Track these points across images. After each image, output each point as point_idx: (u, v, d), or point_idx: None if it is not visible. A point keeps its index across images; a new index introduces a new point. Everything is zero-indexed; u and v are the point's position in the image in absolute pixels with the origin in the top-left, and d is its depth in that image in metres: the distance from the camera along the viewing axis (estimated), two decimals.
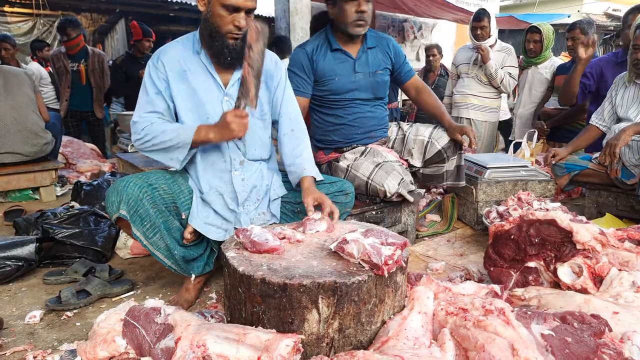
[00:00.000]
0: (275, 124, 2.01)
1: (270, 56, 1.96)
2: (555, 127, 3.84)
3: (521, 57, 4.22)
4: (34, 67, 5.07)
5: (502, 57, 3.86)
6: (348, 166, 2.43)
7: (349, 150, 2.54)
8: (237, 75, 1.84)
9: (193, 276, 1.88)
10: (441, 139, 2.50)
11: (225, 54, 1.75)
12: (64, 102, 4.99)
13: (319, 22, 3.27)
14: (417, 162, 2.57)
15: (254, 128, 1.88)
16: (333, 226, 1.69)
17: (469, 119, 4.03)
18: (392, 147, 2.65)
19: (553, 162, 2.89)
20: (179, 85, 1.79)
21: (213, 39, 1.73)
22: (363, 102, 2.50)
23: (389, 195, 2.30)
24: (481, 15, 3.80)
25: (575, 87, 3.39)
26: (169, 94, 1.79)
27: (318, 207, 1.78)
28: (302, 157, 1.94)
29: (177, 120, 1.84)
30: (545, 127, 3.85)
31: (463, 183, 2.63)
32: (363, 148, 2.53)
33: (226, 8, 1.67)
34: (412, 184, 2.38)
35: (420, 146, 2.54)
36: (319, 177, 1.94)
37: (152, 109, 1.78)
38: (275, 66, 1.96)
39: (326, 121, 2.53)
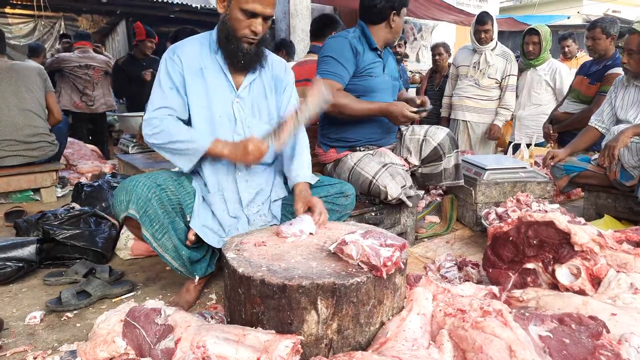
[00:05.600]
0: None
1: (280, 61, 1.99)
2: (564, 132, 3.74)
3: (520, 59, 4.23)
4: None
5: (503, 63, 3.87)
6: (354, 164, 2.45)
7: (362, 150, 2.55)
8: (250, 78, 1.85)
9: (197, 278, 1.88)
10: (436, 136, 2.53)
11: (239, 57, 1.76)
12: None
13: (320, 24, 3.29)
14: (414, 160, 2.60)
15: (259, 133, 1.89)
16: (316, 226, 1.69)
17: (465, 121, 4.04)
18: (394, 149, 2.68)
19: (552, 163, 2.90)
20: (195, 82, 1.79)
21: (228, 41, 1.74)
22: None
23: (389, 198, 2.31)
24: (485, 18, 3.78)
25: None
26: (184, 89, 1.79)
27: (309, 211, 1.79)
28: (297, 162, 1.94)
29: (189, 116, 1.82)
30: (552, 131, 3.79)
31: (462, 182, 2.66)
32: (373, 150, 2.55)
33: (244, 13, 1.68)
34: (411, 188, 2.39)
35: (416, 145, 2.59)
36: (313, 180, 1.96)
37: (164, 105, 1.76)
38: (285, 71, 1.98)
39: (347, 119, 2.52)
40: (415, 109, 2.33)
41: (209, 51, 1.82)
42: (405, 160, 2.61)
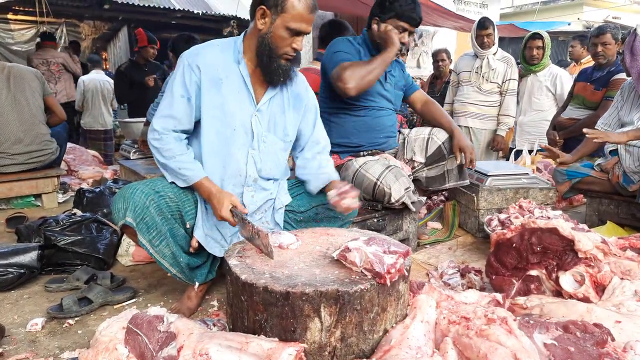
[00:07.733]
0: (298, 145, 2.03)
1: (302, 79, 1.98)
2: (570, 138, 3.70)
3: (520, 65, 4.24)
4: None
5: (504, 67, 3.88)
6: (359, 166, 2.45)
7: (366, 155, 2.56)
8: (270, 93, 1.84)
9: (197, 284, 1.87)
10: (440, 134, 2.55)
11: (280, 74, 1.76)
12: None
13: (329, 31, 3.28)
14: (420, 158, 2.60)
15: (273, 148, 1.89)
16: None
17: (468, 127, 4.05)
18: (396, 153, 2.69)
19: (555, 166, 2.88)
20: (211, 92, 1.76)
21: (270, 59, 1.73)
22: (386, 109, 2.59)
23: (393, 200, 2.30)
24: (486, 23, 3.82)
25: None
26: (197, 99, 1.76)
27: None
28: (327, 168, 1.99)
29: (198, 126, 1.81)
30: (558, 138, 3.75)
31: (467, 182, 2.66)
32: (378, 156, 2.55)
33: (290, 31, 1.69)
34: (414, 193, 2.39)
35: (421, 143, 2.59)
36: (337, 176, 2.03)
37: (170, 114, 1.75)
38: (306, 90, 1.98)
39: (350, 124, 2.54)
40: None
41: (231, 60, 1.79)
42: (410, 160, 2.62)
